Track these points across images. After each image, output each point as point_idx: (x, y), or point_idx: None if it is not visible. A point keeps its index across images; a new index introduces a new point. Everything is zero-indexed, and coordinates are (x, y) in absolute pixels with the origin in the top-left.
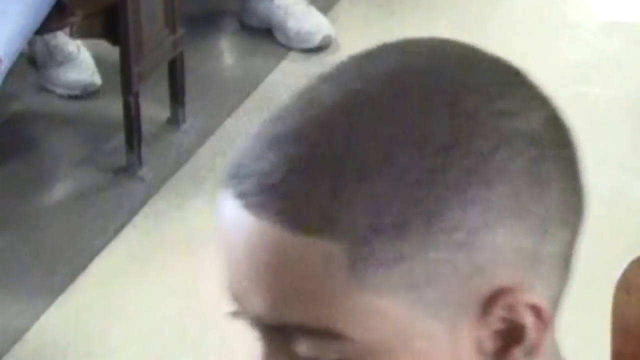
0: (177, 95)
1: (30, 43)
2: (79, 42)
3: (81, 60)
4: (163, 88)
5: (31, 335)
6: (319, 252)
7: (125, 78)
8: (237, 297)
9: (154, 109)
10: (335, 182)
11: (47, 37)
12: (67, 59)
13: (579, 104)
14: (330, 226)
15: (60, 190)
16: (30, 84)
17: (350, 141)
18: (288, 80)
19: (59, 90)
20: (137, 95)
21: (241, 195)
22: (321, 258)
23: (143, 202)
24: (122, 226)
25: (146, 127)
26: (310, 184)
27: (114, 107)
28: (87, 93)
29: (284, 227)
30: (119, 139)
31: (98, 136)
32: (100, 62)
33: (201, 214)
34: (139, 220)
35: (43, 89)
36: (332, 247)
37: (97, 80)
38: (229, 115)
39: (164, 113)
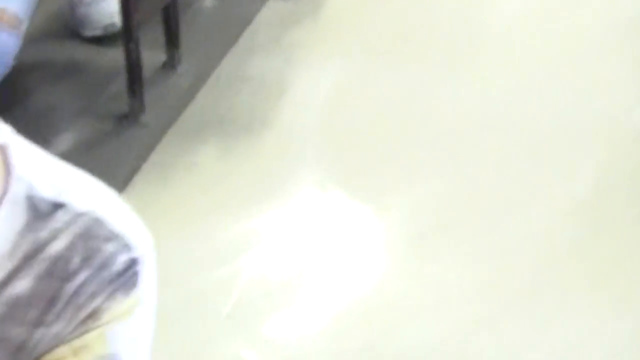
0: (172, 39)
1: None
2: None
3: (107, 3)
4: (154, 33)
5: None
6: None
7: (126, 25)
8: None
9: (148, 55)
10: None
11: None
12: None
13: (546, 40)
14: None
15: (65, 140)
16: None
17: None
18: (276, 19)
19: (85, 32)
20: (137, 42)
21: None
22: None
23: (150, 148)
24: (132, 174)
25: (143, 73)
26: None
27: (109, 55)
28: (108, 34)
29: None
30: (118, 85)
31: (96, 84)
32: None
33: (210, 157)
34: (148, 167)
35: (39, 40)
36: None
37: (118, 21)
38: (223, 55)
39: (159, 58)
